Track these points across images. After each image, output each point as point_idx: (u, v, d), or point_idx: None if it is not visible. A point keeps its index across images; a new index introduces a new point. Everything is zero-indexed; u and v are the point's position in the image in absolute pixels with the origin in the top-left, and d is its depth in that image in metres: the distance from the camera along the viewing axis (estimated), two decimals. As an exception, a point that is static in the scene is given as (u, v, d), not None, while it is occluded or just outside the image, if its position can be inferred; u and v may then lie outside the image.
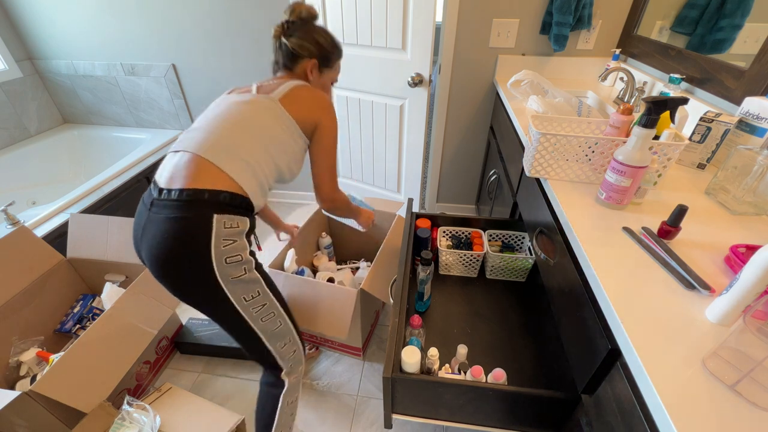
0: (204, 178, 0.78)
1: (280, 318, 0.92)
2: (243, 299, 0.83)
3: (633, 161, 0.75)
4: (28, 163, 2.13)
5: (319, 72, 1.02)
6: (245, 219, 0.82)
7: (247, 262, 0.83)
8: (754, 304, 0.50)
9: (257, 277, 0.86)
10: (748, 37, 1.04)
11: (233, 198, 0.80)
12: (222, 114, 0.88)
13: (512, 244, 1.37)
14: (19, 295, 1.29)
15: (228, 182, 0.80)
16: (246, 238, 0.85)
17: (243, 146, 0.85)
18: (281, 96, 0.91)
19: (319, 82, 1.04)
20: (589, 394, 0.70)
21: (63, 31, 2.03)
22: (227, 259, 0.79)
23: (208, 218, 0.76)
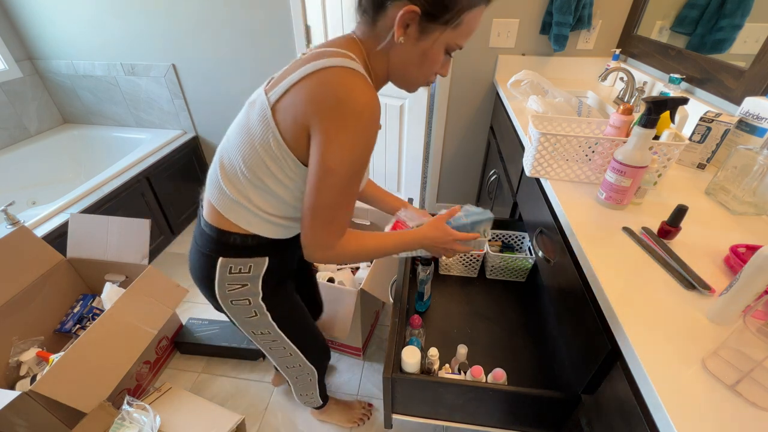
0: (215, 213, 0.70)
1: (288, 350, 0.93)
2: (252, 332, 0.86)
3: (633, 161, 0.75)
4: (28, 163, 2.13)
5: (420, 29, 0.58)
6: (262, 260, 0.73)
7: (257, 306, 0.78)
8: (754, 304, 0.50)
9: (268, 321, 0.82)
10: (748, 37, 1.04)
11: (244, 240, 0.70)
12: (234, 122, 0.70)
13: (512, 244, 1.37)
14: (19, 295, 1.29)
15: (231, 223, 0.69)
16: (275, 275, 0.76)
17: (234, 176, 0.66)
18: (276, 99, 0.60)
19: (414, 51, 0.61)
20: (589, 394, 0.70)
21: (63, 31, 2.03)
22: (232, 302, 0.77)
23: (212, 263, 0.72)
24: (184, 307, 1.75)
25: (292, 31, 1.85)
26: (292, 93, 0.58)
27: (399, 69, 0.65)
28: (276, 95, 0.60)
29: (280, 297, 0.83)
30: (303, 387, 1.10)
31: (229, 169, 0.67)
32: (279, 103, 0.59)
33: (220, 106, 2.19)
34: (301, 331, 0.94)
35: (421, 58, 0.62)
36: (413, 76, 0.66)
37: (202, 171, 2.42)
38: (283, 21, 1.83)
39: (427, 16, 0.56)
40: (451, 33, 0.59)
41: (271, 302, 0.80)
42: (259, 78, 2.02)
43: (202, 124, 2.29)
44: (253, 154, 0.63)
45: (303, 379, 1.05)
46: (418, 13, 0.56)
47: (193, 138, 2.31)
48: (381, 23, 0.60)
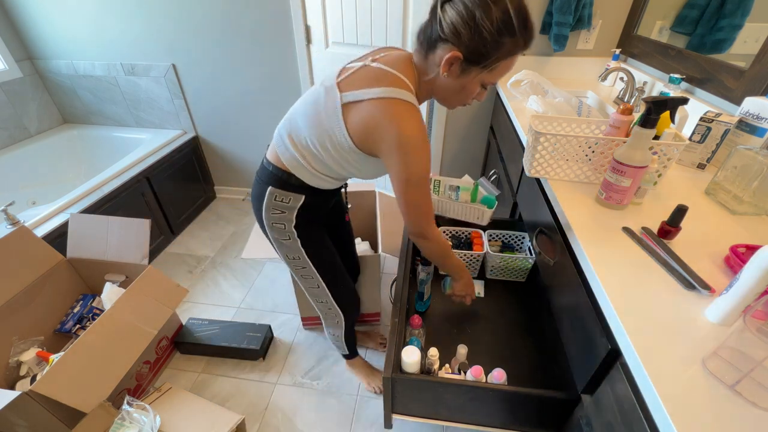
0: (275, 155, 0.89)
1: (317, 281, 1.06)
2: (286, 256, 1.01)
3: (633, 161, 0.75)
4: (28, 163, 2.13)
5: (461, 69, 0.73)
6: (299, 196, 0.90)
7: (290, 232, 0.95)
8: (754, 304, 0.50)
9: (298, 246, 0.98)
10: (748, 37, 1.04)
11: (290, 177, 0.88)
12: (305, 94, 0.87)
13: (512, 244, 1.37)
14: (19, 295, 1.29)
15: (284, 165, 0.87)
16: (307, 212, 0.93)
17: (298, 133, 0.84)
18: (350, 102, 0.75)
19: (455, 84, 0.76)
20: (589, 394, 0.70)
21: (63, 31, 2.03)
22: (273, 224, 0.94)
23: (264, 189, 0.91)
24: (184, 307, 1.75)
25: (292, 31, 1.85)
26: (365, 107, 0.74)
27: (441, 94, 0.82)
28: (349, 99, 0.75)
29: (310, 231, 0.98)
30: (331, 324, 1.22)
31: (296, 135, 0.84)
32: (351, 107, 0.75)
33: (220, 106, 2.19)
34: (328, 267, 1.06)
35: (461, 90, 0.78)
36: (452, 101, 0.82)
37: (202, 171, 2.42)
38: (283, 21, 1.83)
39: (467, 61, 0.71)
40: (487, 74, 0.74)
41: (301, 232, 0.96)
42: (260, 78, 2.03)
43: (202, 124, 2.29)
44: (319, 135, 0.80)
45: (331, 317, 1.18)
46: (461, 58, 0.70)
47: (193, 138, 2.31)
48: (431, 58, 0.75)
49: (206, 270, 1.98)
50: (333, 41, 1.77)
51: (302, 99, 0.87)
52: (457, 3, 0.67)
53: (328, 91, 0.78)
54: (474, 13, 0.65)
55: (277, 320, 1.69)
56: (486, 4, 0.64)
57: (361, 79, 0.76)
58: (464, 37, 0.67)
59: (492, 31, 0.65)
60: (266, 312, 1.73)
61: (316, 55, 1.88)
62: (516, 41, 0.68)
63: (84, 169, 2.31)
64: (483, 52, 0.69)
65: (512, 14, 0.65)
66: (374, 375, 1.42)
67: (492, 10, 0.64)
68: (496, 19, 0.65)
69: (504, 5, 0.64)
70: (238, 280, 1.91)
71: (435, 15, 0.70)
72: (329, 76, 0.81)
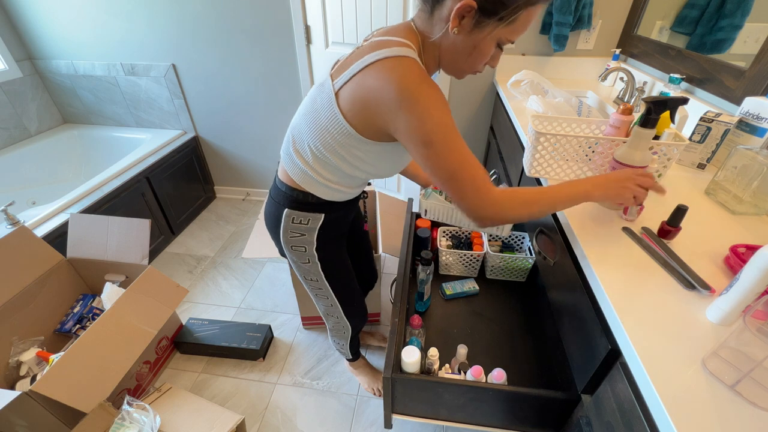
0: (286, 174, 0.84)
1: (331, 300, 1.06)
2: (304, 277, 1.00)
3: (633, 161, 0.75)
4: (28, 163, 2.13)
5: (474, 23, 0.60)
6: (319, 216, 0.86)
7: (311, 255, 0.92)
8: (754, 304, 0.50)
9: (317, 269, 0.96)
10: (748, 37, 1.04)
11: (306, 196, 0.83)
12: (305, 100, 0.79)
13: (512, 244, 1.37)
14: (19, 295, 1.29)
15: (297, 184, 0.82)
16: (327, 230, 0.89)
17: (301, 142, 0.77)
18: (341, 86, 0.67)
19: (467, 42, 0.63)
20: (589, 394, 0.70)
21: (63, 31, 2.03)
22: (292, 247, 0.92)
23: (280, 211, 0.86)
24: (184, 307, 1.75)
25: (292, 31, 1.85)
26: (356, 81, 0.64)
27: (449, 57, 0.68)
28: (340, 82, 0.67)
29: (330, 251, 0.95)
30: (337, 334, 1.23)
31: (299, 144, 0.78)
32: (342, 90, 0.67)
33: (220, 106, 2.19)
34: (343, 287, 1.05)
35: (472, 50, 0.64)
36: (462, 65, 0.68)
37: (202, 171, 2.42)
38: (283, 21, 1.83)
39: (482, 11, 0.58)
40: (505, 29, 0.61)
41: (322, 253, 0.93)
42: (260, 78, 2.03)
43: (202, 124, 2.29)
44: (320, 135, 0.72)
45: (338, 328, 1.19)
46: (474, 7, 0.57)
47: (193, 138, 2.31)
48: (438, 13, 0.63)
49: (206, 270, 1.98)
50: (333, 41, 1.77)
51: (300, 109, 0.81)
52: None
53: (322, 86, 0.73)
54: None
55: (277, 320, 1.69)
56: None
57: (351, 59, 0.68)
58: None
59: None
60: (266, 312, 1.73)
61: (316, 55, 1.88)
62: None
63: (84, 169, 2.31)
64: (502, 0, 0.57)
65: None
66: (375, 376, 1.42)
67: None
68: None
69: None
70: (238, 280, 1.91)
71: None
72: (324, 72, 0.78)
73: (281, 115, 2.16)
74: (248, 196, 2.57)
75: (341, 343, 1.27)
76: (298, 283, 1.48)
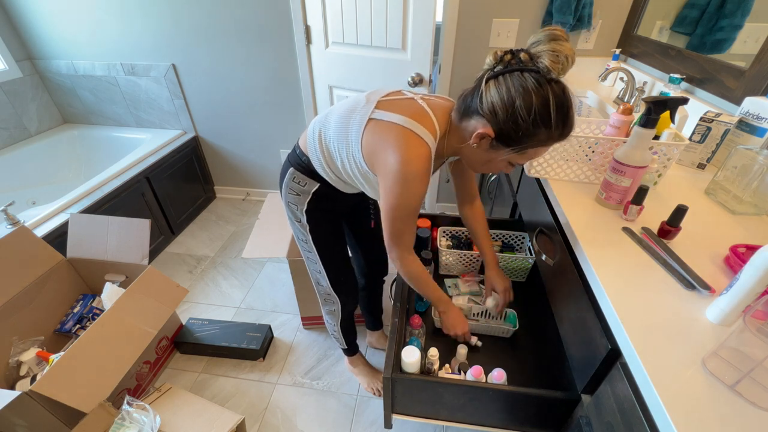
0: (304, 139, 0.95)
1: (319, 266, 1.10)
2: (297, 237, 1.07)
3: (633, 161, 0.75)
4: (28, 163, 2.13)
5: (491, 146, 0.72)
6: (315, 183, 0.95)
7: (300, 214, 1.00)
8: (754, 304, 0.50)
9: (306, 231, 1.02)
10: (748, 37, 1.04)
11: (309, 164, 0.93)
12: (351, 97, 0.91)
13: (512, 244, 1.37)
14: (19, 295, 1.29)
15: (307, 152, 0.93)
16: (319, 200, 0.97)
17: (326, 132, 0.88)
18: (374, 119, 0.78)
19: (482, 156, 0.76)
20: (589, 394, 0.70)
21: (63, 31, 2.03)
22: (288, 203, 1.00)
23: (287, 168, 0.97)
24: (184, 307, 1.75)
25: (292, 31, 1.85)
26: (381, 128, 0.77)
27: (467, 159, 0.82)
28: (376, 116, 0.78)
29: (320, 219, 1.02)
30: (329, 312, 1.24)
31: (324, 132, 0.88)
32: (374, 123, 0.78)
33: (220, 106, 2.19)
34: (331, 255, 1.09)
35: (486, 162, 0.77)
36: (477, 168, 0.83)
37: (202, 171, 2.42)
38: (283, 21, 1.83)
39: (498, 139, 0.70)
40: (516, 155, 0.72)
41: (311, 218, 1.00)
42: (260, 78, 2.03)
43: (202, 124, 2.29)
44: (340, 140, 0.84)
45: (329, 303, 1.21)
46: (492, 136, 0.70)
47: (193, 138, 2.31)
48: (465, 125, 0.75)
49: (206, 270, 1.98)
50: (333, 41, 1.77)
51: (342, 102, 0.90)
52: (500, 83, 0.65)
53: (368, 103, 0.82)
54: (514, 100, 0.64)
55: (277, 320, 1.69)
56: (528, 93, 0.63)
57: (401, 106, 0.79)
58: (500, 118, 0.67)
59: (528, 120, 0.64)
60: (266, 312, 1.73)
61: (316, 55, 1.88)
62: (551, 133, 0.66)
63: (84, 169, 2.31)
64: (514, 137, 0.68)
65: (552, 107, 0.63)
66: (374, 376, 1.42)
67: (532, 100, 0.63)
68: (535, 111, 0.63)
69: (545, 97, 0.63)
70: (238, 280, 1.91)
71: (478, 87, 0.69)
72: (379, 90, 0.85)
73: (281, 115, 2.16)
74: (248, 196, 2.57)
75: (333, 325, 1.28)
76: (299, 283, 1.48)
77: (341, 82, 1.87)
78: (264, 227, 1.56)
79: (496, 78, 0.66)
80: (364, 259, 1.29)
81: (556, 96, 0.63)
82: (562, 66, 0.63)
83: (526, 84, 0.63)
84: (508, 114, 0.65)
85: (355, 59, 1.76)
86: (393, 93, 0.84)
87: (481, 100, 0.68)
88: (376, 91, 0.86)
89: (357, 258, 1.29)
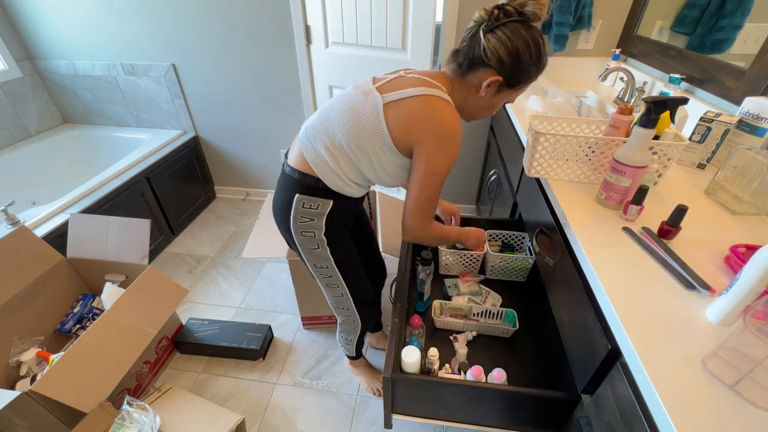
0: (301, 160, 0.89)
1: (341, 289, 1.07)
2: (314, 265, 1.01)
3: (633, 161, 0.75)
4: (28, 163, 2.13)
5: (496, 91, 0.81)
6: (328, 201, 0.91)
7: (320, 240, 0.95)
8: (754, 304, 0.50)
9: (327, 255, 0.98)
10: (748, 37, 1.04)
11: (317, 182, 0.89)
12: (334, 99, 0.90)
13: (512, 244, 1.37)
14: (19, 295, 1.29)
15: (311, 170, 0.88)
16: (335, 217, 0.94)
17: (333, 139, 0.85)
18: (390, 101, 0.80)
19: (487, 102, 0.84)
20: (589, 394, 0.70)
21: (63, 31, 2.03)
22: (302, 233, 0.94)
23: (290, 197, 0.91)
24: (184, 307, 1.75)
25: (292, 31, 1.85)
26: (407, 103, 0.79)
27: (470, 110, 0.87)
28: (390, 98, 0.80)
29: (339, 238, 0.99)
30: (347, 330, 1.23)
31: (329, 137, 0.85)
32: (392, 105, 0.80)
33: (221, 106, 2.19)
34: (353, 275, 1.07)
35: (489, 107, 0.86)
36: (478, 115, 0.89)
37: (202, 171, 2.42)
38: (283, 21, 1.83)
39: (505, 84, 0.79)
40: (513, 93, 0.83)
41: (331, 239, 0.96)
42: (260, 78, 2.03)
43: (202, 124, 2.29)
44: (357, 136, 0.82)
45: (348, 323, 1.19)
46: (501, 81, 0.78)
47: (193, 138, 2.31)
48: (470, 78, 0.81)
49: (206, 270, 1.98)
50: (333, 41, 1.77)
51: (334, 104, 0.87)
52: (499, 34, 0.74)
53: (367, 95, 0.82)
54: (517, 46, 0.74)
55: (277, 320, 1.69)
56: (525, 39, 0.74)
57: (400, 84, 0.82)
58: (506, 64, 0.76)
59: (530, 62, 0.76)
60: (266, 312, 1.73)
61: (316, 55, 1.88)
62: (538, 69, 0.79)
63: (84, 169, 2.31)
64: (520, 79, 0.79)
65: (541, 49, 0.76)
66: (374, 376, 1.42)
67: (530, 44, 0.74)
68: (533, 53, 0.75)
69: (536, 41, 0.75)
70: (238, 280, 1.91)
71: (477, 40, 0.76)
72: (363, 83, 0.86)
73: (281, 115, 2.16)
74: (248, 196, 2.57)
75: (349, 339, 1.26)
76: (299, 283, 1.48)
77: (341, 82, 1.87)
78: (264, 227, 1.56)
79: (493, 31, 0.75)
80: (367, 262, 1.26)
81: (541, 37, 0.76)
82: (546, 9, 0.74)
83: (520, 32, 0.74)
84: (513, 59, 0.75)
85: (355, 59, 1.76)
86: (377, 79, 0.86)
87: (485, 52, 0.76)
88: (359, 83, 0.87)
89: None
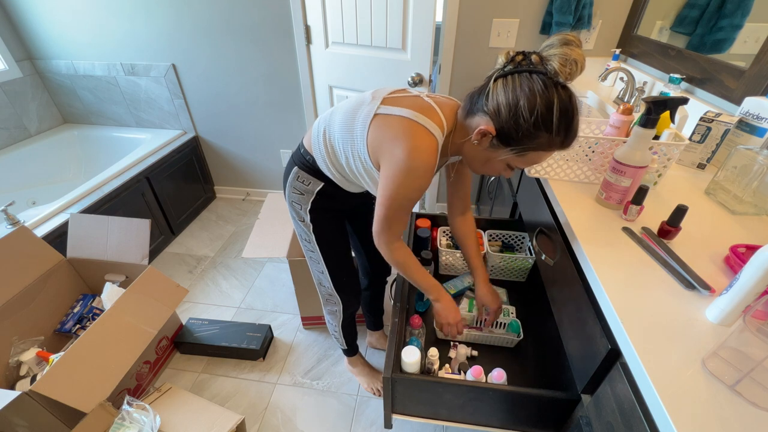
0: (308, 137, 0.95)
1: (321, 266, 1.09)
2: (300, 236, 1.07)
3: (633, 161, 0.75)
4: (28, 163, 2.13)
5: (491, 144, 0.72)
6: (319, 182, 0.95)
7: (304, 213, 0.99)
8: (754, 304, 0.50)
9: (309, 231, 1.02)
10: (748, 37, 1.04)
11: (313, 162, 0.93)
12: (354, 95, 0.92)
13: (512, 244, 1.37)
14: (19, 295, 1.29)
15: (312, 150, 0.93)
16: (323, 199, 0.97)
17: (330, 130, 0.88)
18: (381, 114, 0.78)
19: (481, 154, 0.75)
20: (589, 394, 0.70)
21: (63, 31, 2.03)
22: (292, 202, 1.00)
23: (291, 167, 0.97)
24: (184, 307, 1.75)
25: (292, 31, 1.85)
26: (389, 121, 0.77)
27: (468, 157, 0.81)
28: (382, 111, 0.78)
29: (324, 219, 1.02)
30: (331, 312, 1.24)
31: (329, 130, 0.89)
32: (380, 118, 0.78)
33: (220, 106, 2.19)
34: (334, 257, 1.09)
35: (485, 161, 0.77)
36: (477, 167, 0.82)
37: (202, 171, 2.42)
38: (283, 21, 1.83)
39: (499, 138, 0.69)
40: (514, 157, 0.71)
41: (314, 217, 1.00)
42: (260, 78, 2.03)
43: (202, 124, 2.29)
44: (346, 133, 0.84)
45: (330, 303, 1.21)
46: (493, 134, 0.69)
47: (193, 138, 2.31)
48: (469, 121, 0.75)
49: (206, 270, 1.98)
50: (333, 41, 1.77)
51: (350, 99, 0.89)
52: (508, 83, 0.65)
53: (373, 100, 0.82)
54: (518, 99, 0.64)
55: (277, 320, 1.69)
56: (533, 94, 0.63)
57: (403, 102, 0.79)
58: (502, 116, 0.66)
59: (529, 121, 0.63)
60: (266, 312, 1.73)
61: (316, 55, 1.88)
62: (551, 139, 0.65)
63: (84, 169, 2.31)
64: (515, 137, 0.67)
65: (555, 111, 0.62)
66: (374, 376, 1.42)
67: (536, 101, 0.62)
68: (538, 112, 0.63)
69: (549, 100, 0.62)
70: (238, 280, 1.91)
71: (487, 85, 0.69)
72: (385, 89, 0.84)
73: (281, 115, 2.16)
74: (248, 196, 2.57)
75: (334, 325, 1.27)
76: (299, 283, 1.48)
77: (341, 82, 1.87)
78: (264, 227, 1.56)
79: (505, 77, 0.66)
80: (368, 260, 1.28)
81: (561, 101, 0.62)
82: (570, 71, 0.63)
83: (532, 85, 0.63)
84: (510, 113, 0.65)
85: (355, 59, 1.76)
86: (398, 91, 0.84)
87: (487, 97, 0.68)
88: (381, 89, 0.85)
89: (361, 258, 1.29)
